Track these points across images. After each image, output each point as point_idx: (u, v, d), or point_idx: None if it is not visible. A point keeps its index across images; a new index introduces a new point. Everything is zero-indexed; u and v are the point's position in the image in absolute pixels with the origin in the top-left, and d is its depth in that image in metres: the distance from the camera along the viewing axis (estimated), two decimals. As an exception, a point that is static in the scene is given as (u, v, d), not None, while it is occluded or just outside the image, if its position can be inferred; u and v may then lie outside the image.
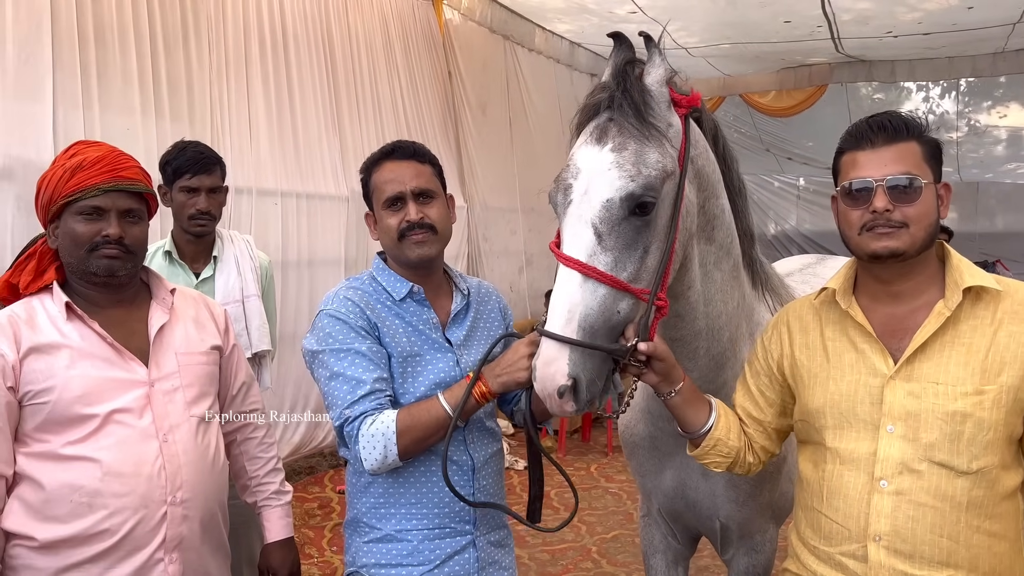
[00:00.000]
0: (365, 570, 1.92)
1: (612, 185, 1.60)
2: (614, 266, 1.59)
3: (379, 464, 1.79)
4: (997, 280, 1.60)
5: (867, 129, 1.63)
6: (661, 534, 2.45)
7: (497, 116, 8.18)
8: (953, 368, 1.56)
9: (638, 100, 1.67)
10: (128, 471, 1.77)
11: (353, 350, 1.84)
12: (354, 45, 6.18)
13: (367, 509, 1.94)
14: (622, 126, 1.66)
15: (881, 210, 1.56)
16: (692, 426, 1.78)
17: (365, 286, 1.97)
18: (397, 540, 1.90)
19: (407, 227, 1.90)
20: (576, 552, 4.73)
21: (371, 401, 1.81)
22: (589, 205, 1.61)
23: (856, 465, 1.61)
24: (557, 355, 1.54)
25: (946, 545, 1.53)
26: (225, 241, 2.99)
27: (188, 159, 2.82)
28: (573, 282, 1.57)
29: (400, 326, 1.92)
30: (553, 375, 1.54)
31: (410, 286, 1.95)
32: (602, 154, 1.64)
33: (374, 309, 1.92)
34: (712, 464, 1.81)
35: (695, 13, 7.74)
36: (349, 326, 1.86)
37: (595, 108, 1.72)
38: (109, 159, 1.85)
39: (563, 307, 1.56)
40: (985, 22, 8.10)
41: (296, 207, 5.57)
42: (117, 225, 1.83)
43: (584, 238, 1.59)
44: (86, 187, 1.80)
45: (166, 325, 1.95)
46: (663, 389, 1.73)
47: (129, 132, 4.36)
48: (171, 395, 1.88)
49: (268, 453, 2.22)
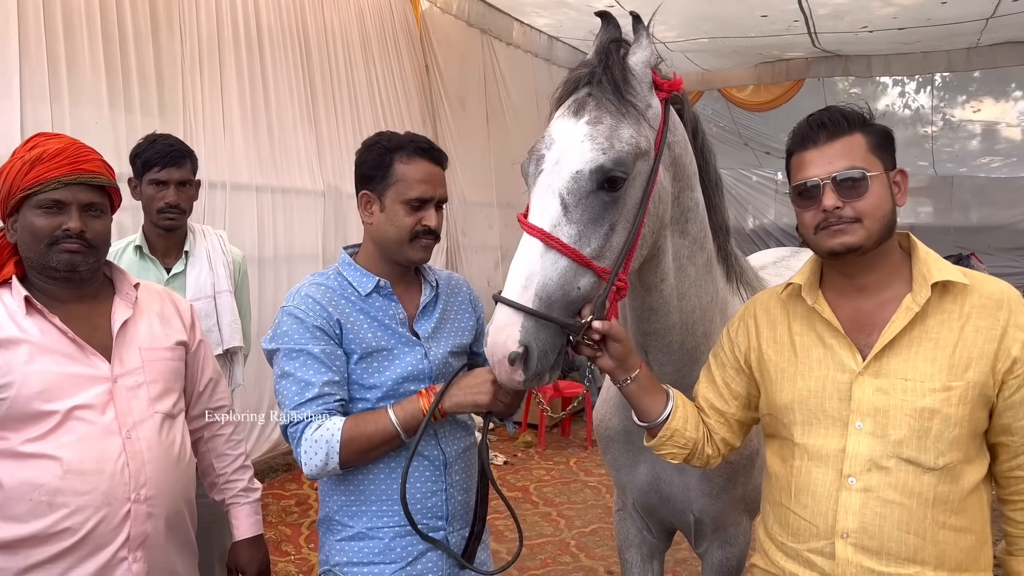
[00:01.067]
0: (338, 568, 1.91)
1: (583, 157, 1.59)
2: (578, 239, 1.57)
3: (319, 471, 1.77)
4: (964, 274, 1.59)
5: (808, 128, 1.63)
6: (636, 528, 2.45)
7: (475, 110, 8.14)
8: (921, 364, 1.56)
9: (618, 77, 1.66)
10: (90, 468, 1.73)
11: (305, 351, 1.82)
12: (330, 38, 6.13)
13: (338, 507, 1.92)
14: (600, 101, 1.65)
15: (831, 207, 1.56)
16: (649, 415, 1.76)
17: (330, 281, 1.93)
18: (368, 538, 1.88)
19: (423, 231, 1.88)
20: (555, 546, 4.73)
21: (318, 405, 1.79)
22: (558, 175, 1.60)
23: (825, 462, 1.61)
24: (510, 321, 1.52)
25: (913, 541, 1.54)
26: (197, 236, 2.95)
27: (158, 152, 2.77)
28: (534, 250, 1.56)
29: (365, 321, 1.90)
30: (504, 341, 1.52)
31: (376, 280, 1.93)
32: (577, 126, 1.63)
33: (338, 305, 1.88)
34: (668, 455, 1.79)
35: (673, 7, 7.74)
36: (305, 326, 1.83)
37: (575, 82, 1.72)
38: (70, 151, 1.81)
39: (521, 275, 1.55)
40: (959, 17, 8.17)
41: (272, 202, 5.51)
42: (78, 219, 1.79)
43: (550, 208, 1.58)
44: (45, 180, 1.76)
45: (129, 320, 1.91)
46: (619, 376, 1.72)
47: (98, 125, 4.29)
48: (135, 391, 1.85)
49: (236, 450, 2.19)
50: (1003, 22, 8.28)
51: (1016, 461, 1.59)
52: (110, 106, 4.39)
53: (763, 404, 1.78)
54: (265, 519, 4.69)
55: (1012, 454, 1.59)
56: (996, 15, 8.00)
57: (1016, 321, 1.55)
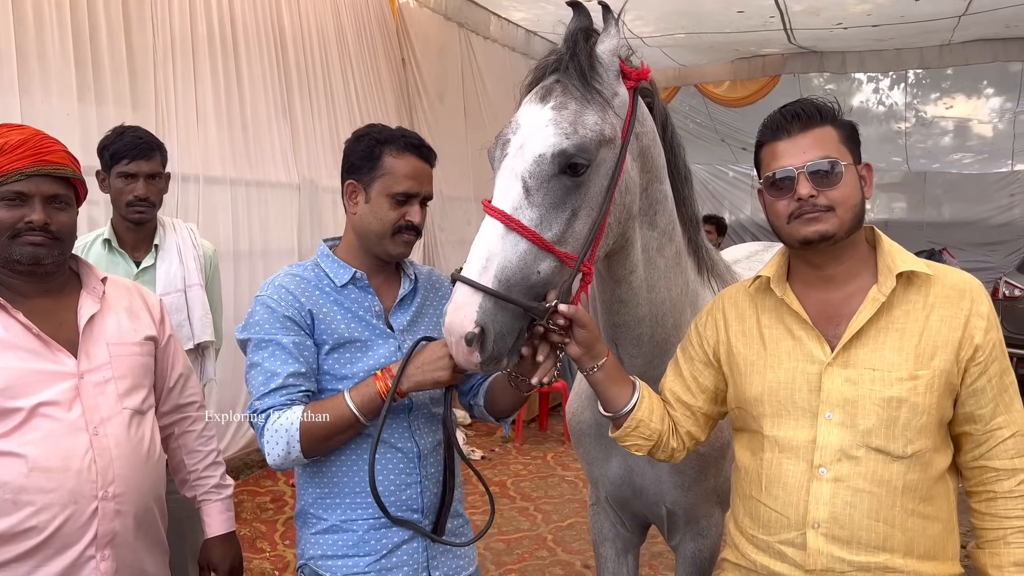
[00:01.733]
0: (312, 562, 1.90)
1: (546, 141, 1.60)
2: (539, 223, 1.58)
3: (281, 460, 1.77)
4: (928, 265, 1.62)
5: (782, 119, 1.64)
6: (610, 522, 2.45)
7: (453, 104, 8.10)
8: (888, 354, 1.58)
9: (584, 64, 1.67)
10: (55, 466, 1.70)
11: (275, 341, 1.82)
12: (305, 31, 6.06)
13: (313, 500, 1.92)
14: (566, 87, 1.66)
15: (806, 196, 1.57)
16: (614, 405, 1.76)
17: (306, 272, 1.94)
18: (343, 531, 1.88)
19: (405, 226, 1.89)
20: (531, 541, 4.74)
21: (281, 396, 1.79)
22: (522, 159, 1.61)
23: (795, 453, 1.62)
24: (468, 301, 1.52)
25: (882, 529, 1.55)
26: (167, 229, 2.91)
27: (126, 144, 2.73)
28: (495, 232, 1.56)
29: (338, 312, 1.89)
30: (461, 321, 1.52)
31: (353, 272, 1.92)
32: (542, 111, 1.64)
33: (311, 296, 1.88)
34: (633, 447, 1.79)
35: (650, 2, 7.76)
36: (276, 315, 1.83)
37: (544, 70, 1.73)
38: (33, 142, 1.77)
39: (481, 256, 1.55)
40: (932, 15, 8.27)
41: (246, 195, 5.45)
42: (41, 211, 1.76)
43: (512, 191, 1.59)
44: (8, 172, 1.72)
45: (97, 315, 1.88)
46: (585, 364, 1.72)
47: (69, 117, 4.22)
48: (102, 387, 1.82)
49: (208, 447, 2.17)
50: (974, 20, 8.40)
51: (979, 451, 1.61)
52: (80, 98, 4.32)
53: (732, 397, 1.78)
54: (240, 516, 4.68)
55: (975, 443, 1.61)
56: (968, 12, 8.11)
57: (978, 310, 1.58)
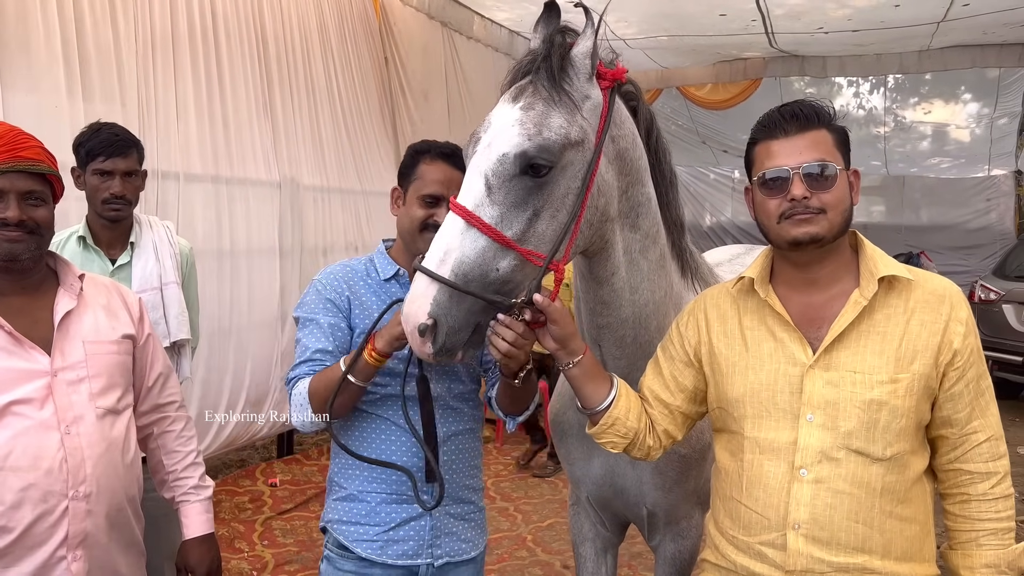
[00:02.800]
0: (331, 525, 2.08)
1: (510, 141, 1.63)
2: (499, 221, 1.60)
3: (300, 421, 1.94)
4: (909, 270, 1.63)
5: (779, 118, 1.64)
6: (590, 522, 2.45)
7: (437, 104, 8.07)
8: (869, 357, 1.58)
9: (555, 65, 1.69)
10: (25, 464, 1.68)
11: (314, 320, 2.01)
12: (287, 27, 6.00)
13: (338, 469, 2.09)
14: (536, 88, 1.70)
15: (799, 197, 1.57)
16: (591, 401, 1.76)
17: (358, 265, 2.12)
18: (358, 500, 2.03)
19: (432, 225, 1.98)
20: (511, 541, 4.74)
21: (305, 367, 1.96)
22: (487, 158, 1.64)
23: (776, 455, 1.63)
24: (424, 292, 1.57)
25: (861, 531, 1.56)
26: (143, 227, 2.87)
27: (102, 141, 2.69)
28: (455, 228, 1.60)
29: (375, 302, 2.04)
30: (416, 312, 1.56)
31: (396, 268, 2.08)
32: (511, 111, 1.68)
33: (354, 285, 2.06)
34: (609, 444, 1.79)
35: (633, 4, 7.78)
36: (320, 297, 2.03)
37: (519, 71, 1.76)
38: (7, 139, 1.75)
39: (440, 249, 1.59)
40: (911, 20, 8.36)
41: (227, 193, 5.38)
42: (16, 208, 1.74)
43: (475, 188, 1.62)
44: None
45: (73, 312, 1.85)
46: (562, 359, 1.73)
47: (43, 112, 4.14)
48: (75, 385, 1.79)
49: (187, 447, 2.14)
50: (953, 26, 8.50)
51: (954, 454, 1.63)
52: (55, 91, 4.24)
53: (713, 397, 1.78)
54: (218, 516, 4.63)
55: (951, 447, 1.63)
56: (947, 19, 8.21)
57: (957, 315, 1.60)
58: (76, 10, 4.33)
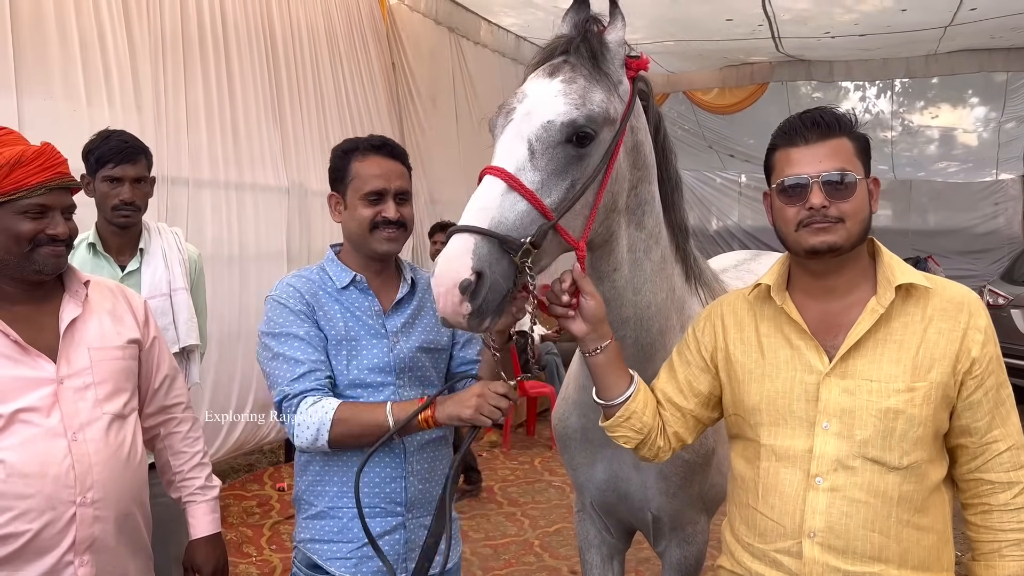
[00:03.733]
0: (303, 545, 2.02)
1: (556, 109, 1.61)
2: (540, 187, 1.57)
3: (308, 444, 1.86)
4: (927, 278, 1.62)
5: (800, 125, 1.63)
6: (596, 528, 2.45)
7: (445, 109, 8.10)
8: (886, 365, 1.58)
9: (596, 48, 1.72)
10: (33, 472, 1.69)
11: (291, 333, 1.94)
12: (296, 33, 6.03)
13: (306, 486, 2.03)
14: (575, 66, 1.70)
15: (818, 206, 1.57)
16: (611, 392, 1.74)
17: (312, 275, 2.06)
18: (329, 517, 1.98)
19: (382, 222, 1.97)
20: (519, 546, 4.74)
21: (311, 380, 1.89)
22: (528, 123, 1.61)
23: (792, 462, 1.62)
24: (464, 249, 1.48)
25: (878, 540, 1.55)
26: (152, 233, 2.90)
27: (112, 148, 2.72)
28: (495, 189, 1.54)
29: (338, 311, 2.00)
30: (457, 269, 1.47)
31: (353, 275, 2.03)
32: (551, 84, 1.67)
33: (315, 295, 2.00)
34: (622, 439, 1.78)
35: (639, 9, 7.78)
36: (288, 309, 1.96)
37: (552, 51, 1.76)
38: (47, 155, 1.79)
39: (477, 209, 1.52)
40: (918, 25, 8.34)
41: (236, 199, 5.40)
42: (64, 224, 1.81)
43: (517, 151, 1.58)
44: (32, 185, 1.74)
45: (78, 319, 1.87)
46: (590, 343, 1.70)
47: (68, 117, 4.18)
48: (82, 392, 1.81)
49: (193, 448, 2.16)
50: (960, 30, 8.48)
51: (975, 463, 1.61)
52: (72, 98, 4.28)
53: (729, 404, 1.78)
54: (226, 520, 4.65)
55: (971, 456, 1.61)
56: (954, 23, 8.18)
57: (975, 323, 1.59)
58: (96, 17, 4.38)
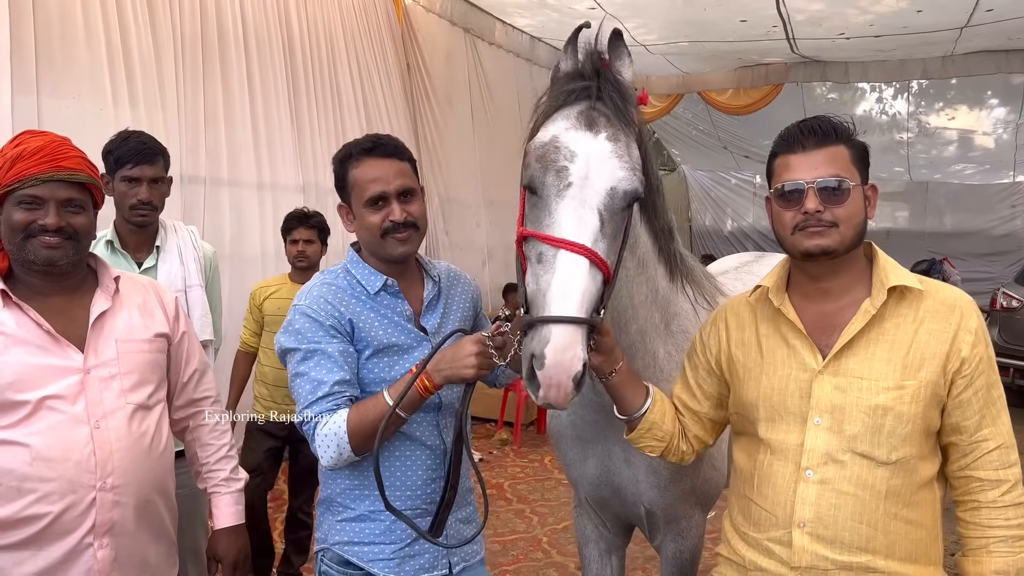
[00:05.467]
0: (338, 547, 1.98)
1: (615, 175, 1.61)
2: (607, 254, 1.60)
3: (335, 461, 1.85)
4: (919, 280, 1.68)
5: (798, 133, 1.69)
6: (592, 524, 2.50)
7: (461, 109, 8.18)
8: (877, 364, 1.64)
9: (626, 94, 1.70)
10: (56, 456, 1.77)
11: (320, 350, 1.86)
12: (313, 34, 6.13)
13: (342, 490, 1.99)
14: (609, 118, 1.67)
15: (812, 211, 1.63)
16: (630, 407, 1.84)
17: (339, 280, 1.98)
18: (370, 520, 1.95)
19: (391, 226, 1.91)
20: (527, 543, 4.79)
21: (328, 402, 1.84)
22: (593, 191, 1.60)
23: (785, 455, 1.69)
24: (573, 340, 1.49)
25: (865, 531, 1.61)
26: (168, 231, 2.97)
27: (130, 149, 2.79)
28: (582, 267, 1.54)
29: (375, 319, 1.94)
30: (571, 361, 1.48)
31: (384, 279, 1.97)
32: (597, 142, 1.63)
33: (348, 304, 1.93)
34: (647, 448, 1.88)
35: (654, 11, 7.82)
36: (320, 324, 1.88)
37: (574, 95, 1.70)
38: (49, 149, 1.85)
39: (576, 291, 1.52)
40: (934, 26, 8.31)
41: (255, 198, 5.50)
42: (55, 215, 1.84)
43: (590, 224, 1.57)
44: (25, 177, 1.81)
45: (108, 312, 1.95)
46: (605, 369, 1.78)
47: (94, 117, 4.28)
48: (107, 382, 1.88)
49: (220, 440, 2.23)
50: (977, 31, 8.43)
51: (965, 460, 1.67)
52: (99, 98, 4.38)
53: (732, 403, 1.86)
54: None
55: (961, 453, 1.67)
56: (970, 24, 8.14)
57: (966, 324, 1.64)
58: (120, 17, 4.48)
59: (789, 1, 7.54)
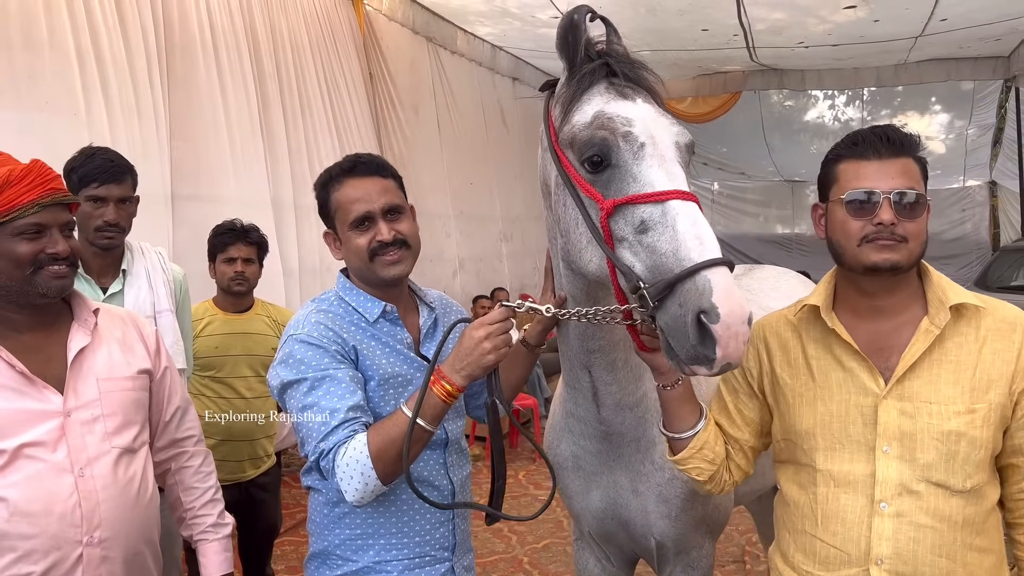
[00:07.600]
0: None
1: (671, 130, 1.66)
2: None
3: (361, 494, 1.66)
4: (978, 298, 1.61)
5: (874, 139, 1.59)
6: (595, 558, 2.38)
7: (426, 118, 8.08)
8: (944, 387, 1.56)
9: (636, 62, 1.75)
10: (37, 510, 1.61)
11: (329, 376, 1.72)
12: (278, 44, 5.97)
13: (340, 541, 1.84)
14: (634, 87, 1.71)
15: (887, 223, 1.54)
16: (684, 424, 1.71)
17: (335, 308, 1.85)
18: (375, 572, 1.82)
19: (379, 247, 1.80)
20: (507, 563, 4.69)
21: (344, 430, 1.67)
22: (665, 146, 1.62)
23: (853, 488, 1.59)
24: (733, 282, 1.45)
25: (945, 565, 1.54)
26: (135, 253, 2.79)
27: (96, 167, 2.60)
28: (698, 211, 1.53)
29: (378, 348, 1.83)
30: (741, 302, 1.42)
31: (383, 305, 1.85)
32: (639, 107, 1.67)
33: (349, 331, 1.80)
34: (695, 470, 1.73)
35: (617, 20, 7.64)
36: (324, 351, 1.74)
37: (590, 76, 1.72)
38: (37, 172, 1.70)
39: (708, 233, 1.48)
40: (891, 35, 8.50)
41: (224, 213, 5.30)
42: (64, 241, 1.71)
43: (681, 175, 1.59)
44: (23, 204, 1.65)
45: (87, 348, 1.79)
46: (670, 376, 1.68)
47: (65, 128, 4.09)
48: (90, 425, 1.73)
49: (205, 483, 2.05)
50: (929, 40, 8.65)
51: None
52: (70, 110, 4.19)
53: (778, 429, 1.75)
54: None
55: (1022, 475, 1.61)
56: (924, 34, 8.34)
57: None
58: (91, 28, 4.32)
59: (751, 10, 7.62)
